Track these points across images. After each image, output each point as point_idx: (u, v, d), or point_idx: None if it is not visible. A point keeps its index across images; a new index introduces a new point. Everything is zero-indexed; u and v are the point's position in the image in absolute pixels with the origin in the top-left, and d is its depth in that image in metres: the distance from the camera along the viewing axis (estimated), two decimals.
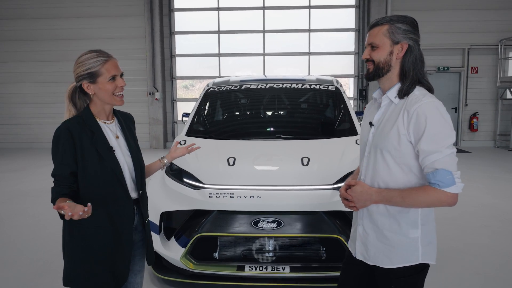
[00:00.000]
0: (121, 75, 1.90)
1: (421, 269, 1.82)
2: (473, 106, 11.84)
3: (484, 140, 11.92)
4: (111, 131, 1.93)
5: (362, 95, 11.75)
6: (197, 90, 12.69)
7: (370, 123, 1.87)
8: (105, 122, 1.92)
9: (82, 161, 1.79)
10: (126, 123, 2.05)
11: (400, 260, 1.79)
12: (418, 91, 1.74)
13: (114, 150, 1.88)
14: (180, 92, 12.67)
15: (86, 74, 1.82)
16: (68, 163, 1.78)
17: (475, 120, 11.74)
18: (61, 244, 1.95)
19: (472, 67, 11.67)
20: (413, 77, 1.74)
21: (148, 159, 2.17)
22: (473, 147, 11.65)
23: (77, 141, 1.79)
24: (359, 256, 1.91)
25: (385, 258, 1.81)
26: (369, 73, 1.81)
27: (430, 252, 1.84)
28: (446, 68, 11.63)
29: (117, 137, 1.94)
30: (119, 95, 1.89)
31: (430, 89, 1.77)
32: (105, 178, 1.83)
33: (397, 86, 1.77)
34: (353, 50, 11.95)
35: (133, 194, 1.95)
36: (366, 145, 1.89)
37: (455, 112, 11.91)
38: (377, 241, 1.83)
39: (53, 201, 1.76)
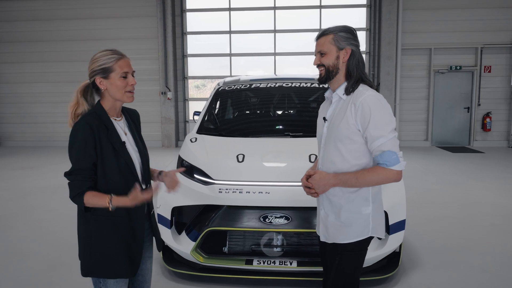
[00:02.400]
0: (133, 73, 2.00)
1: (365, 246, 2.10)
2: (486, 105, 11.72)
3: (498, 140, 11.79)
4: (121, 128, 2.03)
5: None
6: (208, 90, 12.81)
7: (324, 118, 2.15)
8: (115, 119, 2.02)
9: (100, 154, 1.88)
10: (133, 119, 2.16)
11: (354, 235, 2.05)
12: (362, 87, 2.03)
13: (125, 145, 1.98)
14: (192, 92, 12.80)
15: (100, 69, 1.92)
16: (91, 155, 1.86)
17: (488, 119, 11.61)
18: (75, 238, 2.04)
19: (485, 66, 11.55)
20: (356, 76, 2.03)
21: (160, 157, 2.27)
22: (486, 147, 11.54)
23: (96, 135, 1.87)
24: (322, 238, 2.17)
25: (342, 235, 2.07)
26: (322, 77, 2.09)
27: (379, 227, 2.12)
28: (458, 68, 11.54)
29: (125, 134, 2.05)
30: (129, 92, 1.98)
31: (371, 86, 2.06)
32: (120, 170, 1.93)
33: (344, 84, 2.06)
34: (364, 50, 11.93)
35: (142, 186, 2.05)
36: (321, 138, 2.15)
37: (468, 112, 11.80)
38: (335, 221, 2.08)
39: (80, 195, 1.84)
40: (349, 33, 2.04)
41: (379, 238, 2.92)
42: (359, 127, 1.96)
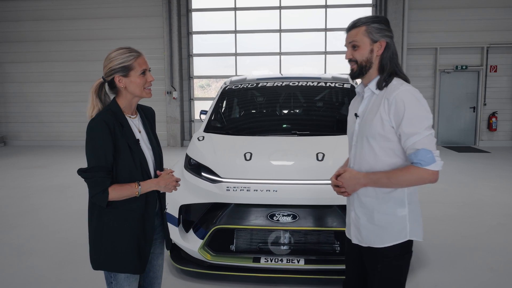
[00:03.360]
0: (149, 70, 2.02)
1: (407, 251, 1.94)
2: (492, 105, 11.66)
3: (504, 140, 11.73)
4: (135, 126, 2.04)
5: None
6: (213, 90, 12.83)
7: (356, 115, 2.02)
8: (130, 117, 2.03)
9: (116, 151, 1.90)
10: (148, 117, 2.17)
11: (391, 238, 1.91)
12: (396, 81, 1.90)
13: (139, 143, 1.99)
14: (197, 92, 12.83)
15: (120, 68, 1.93)
16: (111, 152, 1.88)
17: (494, 119, 11.55)
18: (84, 234, 2.06)
19: (491, 66, 11.50)
20: (390, 69, 1.91)
21: (165, 157, 2.28)
22: (492, 146, 11.48)
23: (112, 132, 1.89)
24: (354, 240, 2.03)
25: (377, 239, 1.93)
26: (354, 72, 1.96)
27: (417, 230, 1.95)
28: (464, 67, 11.49)
29: (140, 132, 2.05)
30: (148, 88, 2.01)
31: (406, 80, 1.93)
32: (134, 167, 1.95)
33: (376, 78, 1.93)
34: None
35: None
36: (353, 135, 2.03)
37: (474, 112, 11.75)
38: (368, 223, 1.95)
39: (104, 192, 1.86)
40: (382, 23, 1.90)
41: None
42: (393, 124, 1.83)
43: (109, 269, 2.00)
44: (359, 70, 1.94)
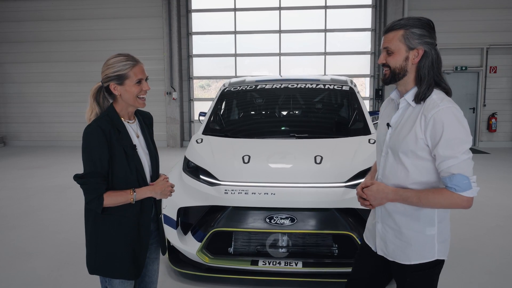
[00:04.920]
0: (146, 79, 2.01)
1: (436, 264, 1.87)
2: (491, 106, 11.67)
3: (503, 140, 11.73)
4: (133, 131, 2.05)
5: (378, 95, 11.70)
6: (213, 90, 12.84)
7: (388, 124, 1.90)
8: (128, 122, 2.03)
9: (112, 157, 1.91)
10: (145, 122, 2.17)
11: (417, 256, 1.84)
12: (436, 95, 1.75)
13: (136, 149, 2.00)
14: (197, 92, 12.84)
15: (115, 76, 1.93)
16: (106, 158, 1.89)
17: (493, 120, 11.56)
18: (82, 237, 2.07)
19: (491, 67, 11.51)
20: (428, 81, 1.75)
21: (165, 157, 2.29)
22: (492, 147, 11.49)
23: (108, 138, 1.89)
24: (379, 252, 1.96)
25: (403, 255, 1.86)
26: (386, 78, 1.84)
27: (445, 249, 1.89)
28: (464, 68, 11.50)
29: (138, 136, 2.06)
30: (142, 98, 2.00)
31: (448, 92, 1.79)
32: (130, 173, 1.95)
33: (414, 90, 1.79)
34: (369, 50, 11.91)
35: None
36: (383, 145, 1.92)
37: (473, 113, 11.76)
38: (395, 238, 1.88)
39: (99, 198, 1.86)
40: (423, 29, 1.74)
41: None
42: (428, 143, 1.72)
43: (104, 274, 2.01)
44: (391, 77, 1.82)
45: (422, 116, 1.73)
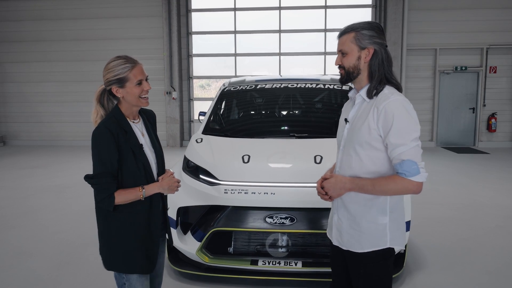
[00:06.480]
0: (146, 78, 2.06)
1: (388, 256, 1.98)
2: (491, 106, 11.67)
3: (503, 141, 11.73)
4: (139, 130, 2.11)
5: None
6: (213, 90, 12.83)
7: (346, 120, 2.05)
8: (133, 121, 2.10)
9: (120, 157, 1.97)
10: (149, 120, 2.24)
11: (369, 244, 1.95)
12: (387, 90, 1.91)
13: (143, 147, 2.06)
14: (197, 92, 12.84)
15: (115, 80, 1.99)
16: (116, 158, 1.95)
17: (493, 120, 11.56)
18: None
19: (490, 67, 11.50)
20: (379, 77, 1.92)
21: (165, 157, 2.32)
22: (491, 148, 11.49)
23: (116, 139, 1.95)
24: (335, 242, 2.09)
25: (356, 243, 1.98)
26: (342, 78, 2.01)
27: (398, 238, 1.99)
28: (464, 68, 11.50)
29: (143, 135, 2.13)
30: (144, 97, 2.06)
31: (398, 88, 1.94)
32: (138, 171, 2.02)
33: (368, 86, 1.95)
34: None
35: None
36: (342, 140, 2.06)
37: (473, 113, 11.75)
38: (350, 228, 1.99)
39: (110, 197, 1.92)
40: (372, 30, 1.92)
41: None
42: (381, 133, 1.85)
43: (121, 270, 2.07)
44: (346, 76, 1.98)
45: (374, 108, 1.88)
